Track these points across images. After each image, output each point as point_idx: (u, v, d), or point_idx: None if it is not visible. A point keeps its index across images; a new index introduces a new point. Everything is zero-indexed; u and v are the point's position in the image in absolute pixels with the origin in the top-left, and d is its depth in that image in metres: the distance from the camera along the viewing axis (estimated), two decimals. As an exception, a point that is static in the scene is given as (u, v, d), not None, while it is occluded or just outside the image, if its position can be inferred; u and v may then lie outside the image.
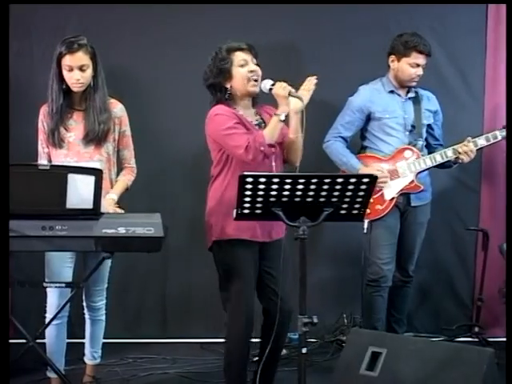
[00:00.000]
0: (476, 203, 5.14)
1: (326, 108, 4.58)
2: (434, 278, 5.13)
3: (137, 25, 4.83)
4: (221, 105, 3.47)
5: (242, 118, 3.46)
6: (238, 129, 3.38)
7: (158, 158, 4.82)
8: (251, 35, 3.61)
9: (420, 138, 4.42)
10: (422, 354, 3.24)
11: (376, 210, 4.31)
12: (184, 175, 4.92)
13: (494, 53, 5.06)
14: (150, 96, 4.84)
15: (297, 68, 4.76)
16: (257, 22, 4.79)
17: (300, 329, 2.80)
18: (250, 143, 3.28)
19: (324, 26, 4.93)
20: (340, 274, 5.04)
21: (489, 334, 4.99)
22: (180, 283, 4.99)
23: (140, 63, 4.83)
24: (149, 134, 4.69)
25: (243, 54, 3.46)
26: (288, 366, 3.94)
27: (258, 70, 3.47)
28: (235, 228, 3.39)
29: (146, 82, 4.86)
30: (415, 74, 4.34)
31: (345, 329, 4.76)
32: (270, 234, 3.48)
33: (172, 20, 4.83)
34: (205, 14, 4.81)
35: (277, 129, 3.34)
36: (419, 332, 4.97)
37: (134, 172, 3.84)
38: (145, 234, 3.02)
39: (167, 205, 4.69)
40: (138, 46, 4.82)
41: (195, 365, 4.43)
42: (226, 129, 3.38)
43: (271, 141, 3.33)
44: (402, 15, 4.90)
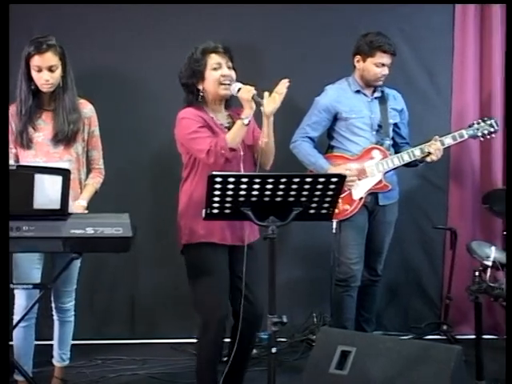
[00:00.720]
0: (444, 202, 5.20)
1: (293, 108, 4.59)
2: (403, 276, 5.18)
3: (108, 25, 4.80)
4: (189, 108, 3.47)
5: (211, 121, 3.46)
6: (202, 132, 3.38)
7: (127, 159, 4.80)
8: (216, 36, 3.59)
9: (387, 137, 4.45)
10: (391, 353, 3.27)
11: (345, 210, 4.33)
12: (153, 176, 4.91)
13: (461, 52, 5.12)
14: (119, 97, 4.82)
15: (263, 69, 4.79)
16: (221, 22, 4.79)
17: (269, 328, 2.81)
18: (212, 147, 3.28)
19: (290, 26, 4.94)
20: (310, 273, 5.06)
21: (457, 332, 5.05)
22: (149, 283, 4.97)
23: (108, 63, 4.81)
24: (118, 135, 4.67)
25: (218, 57, 3.45)
26: (258, 365, 3.95)
27: (230, 74, 3.46)
28: (204, 231, 3.39)
29: (115, 83, 4.83)
30: (381, 73, 4.36)
31: (314, 328, 4.77)
32: (242, 238, 3.47)
33: (142, 20, 4.82)
34: (171, 14, 4.80)
35: (240, 133, 3.32)
36: (388, 330, 5.01)
37: (102, 174, 3.83)
38: (113, 234, 3.00)
39: (136, 205, 4.66)
40: (107, 46, 4.79)
41: (165, 365, 4.42)
42: (190, 133, 3.38)
43: (233, 145, 3.31)
44: (369, 15, 4.92)
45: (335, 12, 4.93)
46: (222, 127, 3.48)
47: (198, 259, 3.46)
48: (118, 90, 4.83)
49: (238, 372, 3.60)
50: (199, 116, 3.42)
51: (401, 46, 4.81)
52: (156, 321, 4.98)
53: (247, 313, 3.44)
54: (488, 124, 4.45)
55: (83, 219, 3.08)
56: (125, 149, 4.78)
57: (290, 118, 4.50)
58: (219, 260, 3.45)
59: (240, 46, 4.67)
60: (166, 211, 3.68)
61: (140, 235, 3.22)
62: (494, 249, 4.00)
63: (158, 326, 4.99)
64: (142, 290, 4.98)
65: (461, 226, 5.10)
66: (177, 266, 3.63)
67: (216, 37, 3.58)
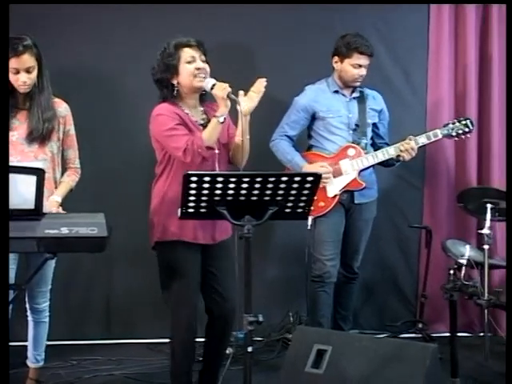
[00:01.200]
0: (419, 201, 5.24)
1: (274, 107, 4.62)
2: (379, 275, 5.21)
3: (85, 23, 4.77)
4: (165, 103, 3.46)
5: (186, 117, 3.45)
6: (179, 130, 3.37)
7: (102, 158, 4.79)
8: (199, 34, 3.59)
9: (364, 136, 4.47)
10: (367, 351, 3.29)
11: (319, 206, 4.35)
12: (129, 175, 4.88)
13: (436, 52, 5.17)
14: (95, 95, 4.80)
15: (244, 68, 4.79)
16: (205, 21, 4.78)
17: (245, 327, 2.81)
18: (189, 146, 3.28)
19: (271, 26, 4.95)
20: (286, 272, 5.08)
21: (432, 330, 5.08)
22: (125, 283, 4.95)
23: (85, 62, 4.78)
24: (93, 134, 4.65)
25: (191, 51, 3.45)
26: (234, 364, 3.94)
27: (205, 68, 3.45)
28: (177, 229, 3.39)
29: (90, 82, 4.81)
30: (358, 74, 4.40)
31: (290, 327, 4.78)
32: (214, 237, 3.48)
33: (122, 18, 4.80)
34: (155, 12, 4.79)
35: (215, 131, 3.32)
36: (364, 329, 5.04)
37: (78, 173, 3.81)
38: (88, 234, 2.98)
39: (111, 204, 4.65)
40: (84, 44, 4.77)
41: (141, 366, 4.41)
42: (166, 130, 3.37)
43: (210, 143, 3.31)
44: (347, 15, 4.96)
45: (314, 12, 4.95)
46: (197, 124, 3.47)
47: (170, 257, 3.46)
48: (94, 88, 4.80)
49: (214, 370, 3.61)
50: (175, 113, 3.41)
51: (377, 46, 4.84)
52: (132, 321, 4.96)
53: (220, 308, 3.45)
54: (463, 124, 4.48)
55: (58, 219, 3.06)
56: (100, 148, 4.76)
57: (271, 116, 4.53)
58: (191, 258, 3.45)
59: (223, 44, 4.73)
60: (142, 211, 3.67)
61: (116, 235, 3.20)
62: (468, 247, 4.05)
63: (134, 326, 4.97)
64: (118, 290, 4.97)
65: (436, 225, 5.14)
66: (152, 265, 3.62)
67: (196, 35, 3.57)
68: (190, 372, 3.54)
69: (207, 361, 3.48)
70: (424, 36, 5.16)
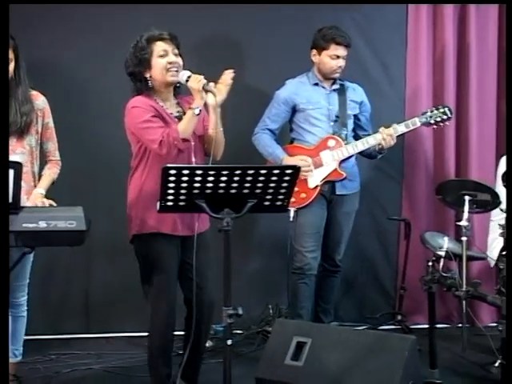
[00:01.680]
0: (398, 193, 5.28)
1: (256, 101, 4.62)
2: (358, 267, 5.23)
3: (61, 16, 4.74)
4: (139, 96, 3.44)
5: (161, 109, 3.44)
6: (154, 122, 3.36)
7: (80, 151, 4.76)
8: (176, 28, 3.58)
9: (344, 127, 4.49)
10: (346, 343, 3.32)
11: (301, 198, 4.37)
12: (107, 168, 4.86)
13: (414, 44, 5.22)
14: (73, 88, 4.77)
15: (224, 62, 4.75)
16: (182, 14, 4.77)
17: (225, 320, 2.81)
18: (164, 138, 3.27)
19: (250, 21, 4.95)
20: (266, 264, 5.09)
21: (411, 322, 5.13)
22: (104, 277, 4.94)
23: (63, 55, 4.76)
24: (71, 127, 4.62)
25: (164, 44, 3.43)
26: (214, 357, 3.96)
27: (178, 61, 3.44)
28: (155, 221, 3.39)
29: (69, 75, 4.78)
30: (336, 65, 4.42)
31: (270, 320, 4.80)
32: (192, 228, 3.46)
33: (98, 12, 4.76)
34: (131, 6, 4.76)
35: (191, 123, 3.31)
36: (344, 321, 5.05)
37: (58, 165, 3.79)
38: (66, 228, 2.97)
39: (90, 198, 4.64)
40: (62, 37, 4.74)
41: (120, 359, 4.41)
42: (142, 122, 3.36)
43: (185, 135, 3.30)
44: (326, 9, 4.97)
45: (294, 7, 4.95)
46: (172, 117, 3.46)
47: (149, 250, 3.46)
48: (69, 82, 4.78)
49: (194, 363, 3.61)
50: (150, 105, 3.40)
51: (355, 38, 4.86)
52: (111, 315, 4.95)
53: (199, 300, 3.44)
54: (441, 112, 4.49)
55: (36, 213, 3.05)
56: (77, 142, 4.73)
57: (254, 111, 4.54)
58: (170, 251, 3.46)
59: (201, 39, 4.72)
60: (120, 204, 3.66)
61: (95, 228, 3.19)
62: (446, 239, 4.07)
63: (113, 320, 4.96)
64: (97, 283, 4.95)
65: (414, 217, 5.18)
66: (132, 259, 3.61)
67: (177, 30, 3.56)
68: (169, 365, 3.54)
69: (186, 353, 3.48)
70: (402, 28, 5.19)
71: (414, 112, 4.95)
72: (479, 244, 4.73)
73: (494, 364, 4.12)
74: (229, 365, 2.84)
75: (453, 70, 5.22)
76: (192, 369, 3.60)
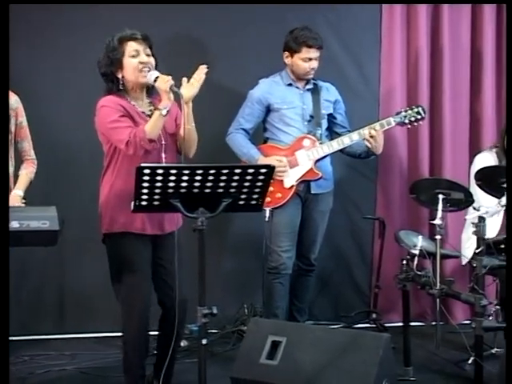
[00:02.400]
0: (372, 192, 5.30)
1: (230, 101, 4.62)
2: (333, 266, 5.25)
3: (29, 14, 4.70)
4: (110, 96, 3.43)
5: (132, 109, 3.43)
6: (122, 122, 3.35)
7: (53, 150, 4.73)
8: (149, 28, 3.57)
9: (319, 127, 4.51)
10: (321, 342, 3.33)
11: (277, 198, 4.38)
12: (81, 167, 4.84)
13: (388, 43, 5.25)
14: (46, 87, 4.74)
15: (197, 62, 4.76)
16: (155, 14, 4.76)
17: (200, 320, 2.82)
18: (131, 138, 3.26)
19: (224, 19, 4.95)
20: (240, 264, 5.09)
21: (385, 320, 5.16)
22: (78, 277, 4.91)
23: (35, 54, 4.73)
24: (44, 126, 4.59)
25: (136, 44, 3.42)
26: (189, 357, 3.96)
27: (150, 62, 3.43)
28: (124, 221, 3.39)
29: (41, 74, 4.75)
30: (309, 67, 4.44)
31: (245, 319, 4.80)
32: (162, 227, 3.47)
33: (67, 9, 4.74)
34: (100, 6, 4.74)
35: (158, 124, 3.30)
36: (319, 320, 5.07)
37: (34, 164, 3.78)
38: (39, 228, 2.95)
39: (63, 197, 4.61)
40: (32, 36, 4.72)
41: (95, 360, 4.39)
42: (110, 122, 3.35)
43: (152, 136, 3.29)
44: (300, 8, 4.98)
45: (268, 6, 4.96)
46: (144, 115, 3.45)
47: (119, 249, 3.46)
48: (42, 81, 4.75)
49: (168, 363, 3.60)
50: (119, 104, 3.39)
51: (330, 38, 4.89)
52: (85, 315, 4.92)
53: (171, 300, 3.43)
54: (415, 112, 4.53)
55: (8, 212, 3.03)
56: (51, 141, 4.70)
57: (227, 110, 4.53)
58: (140, 250, 3.45)
59: (175, 39, 4.71)
60: (93, 203, 3.64)
61: (68, 228, 3.18)
62: (420, 238, 4.09)
63: (88, 320, 4.93)
64: (71, 283, 4.92)
65: (389, 216, 5.21)
66: (105, 259, 3.60)
67: (147, 29, 3.55)
68: (143, 365, 3.54)
69: (161, 354, 3.48)
70: (376, 27, 5.22)
71: (389, 111, 4.98)
72: (453, 242, 4.77)
73: (468, 361, 4.17)
74: (204, 364, 2.85)
75: (426, 70, 5.26)
76: (166, 369, 3.59)
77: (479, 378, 3.49)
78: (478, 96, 5.35)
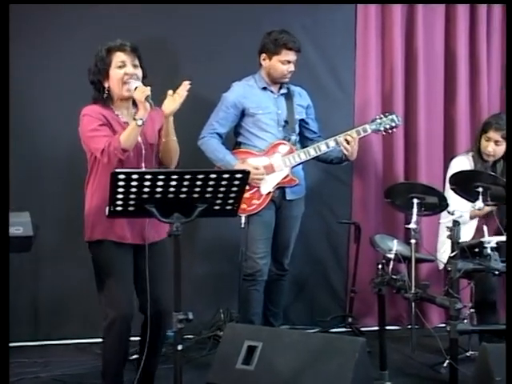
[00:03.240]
0: (348, 197, 5.32)
1: (201, 104, 4.61)
2: (309, 270, 5.26)
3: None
4: (94, 105, 3.47)
5: (115, 119, 3.46)
6: (101, 131, 3.38)
7: (29, 155, 4.70)
8: (123, 32, 3.58)
9: (293, 132, 4.53)
10: (297, 346, 3.34)
11: (253, 204, 4.39)
12: (57, 172, 4.80)
13: (363, 49, 5.27)
14: (23, 91, 4.70)
15: (169, 65, 4.78)
16: (128, 18, 4.75)
17: (175, 325, 2.83)
18: (106, 147, 3.29)
19: (195, 23, 4.93)
20: (216, 269, 5.07)
21: (361, 324, 5.18)
22: (52, 283, 4.86)
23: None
24: (20, 130, 4.57)
25: (123, 55, 3.45)
26: (165, 363, 3.94)
27: (136, 73, 3.46)
28: (103, 229, 3.40)
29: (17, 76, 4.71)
30: (287, 70, 4.44)
31: (222, 324, 4.79)
32: (143, 237, 3.47)
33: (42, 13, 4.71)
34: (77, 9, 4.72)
35: (133, 134, 3.31)
36: (295, 324, 5.09)
37: None
38: (13, 234, 2.95)
39: (37, 203, 4.58)
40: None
41: (69, 367, 4.35)
42: (89, 130, 3.40)
43: (127, 145, 3.30)
44: (275, 13, 4.99)
45: (241, 9, 4.97)
46: (127, 125, 3.45)
47: (99, 256, 3.48)
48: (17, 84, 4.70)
49: (149, 369, 3.61)
50: (101, 114, 3.42)
51: (305, 43, 4.90)
52: (58, 321, 4.89)
53: (153, 309, 3.44)
54: (390, 119, 4.57)
55: (-19, 219, 3.01)
56: (26, 146, 4.67)
57: (198, 114, 4.53)
58: (120, 257, 3.45)
59: (148, 42, 4.69)
60: (68, 209, 3.63)
61: (42, 234, 3.17)
62: (396, 242, 4.12)
63: (62, 327, 4.89)
64: (45, 289, 4.88)
65: (364, 220, 5.23)
66: (79, 265, 3.61)
67: (118, 33, 3.55)
68: (121, 371, 3.53)
69: (142, 360, 3.47)
70: (351, 34, 5.24)
71: (364, 117, 5.02)
72: (428, 246, 4.80)
73: (443, 364, 4.20)
74: (179, 370, 2.85)
75: (401, 76, 5.29)
76: (147, 375, 3.61)
77: (454, 381, 3.51)
78: (453, 101, 5.40)
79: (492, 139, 4.48)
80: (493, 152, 4.50)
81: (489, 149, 4.49)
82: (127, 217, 3.19)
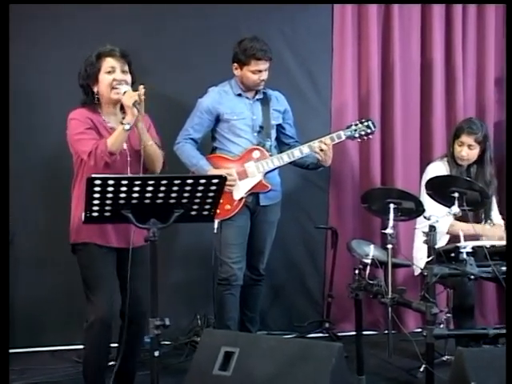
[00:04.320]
0: (325, 202, 5.33)
1: (177, 110, 4.61)
2: (286, 275, 5.27)
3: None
4: (81, 108, 3.51)
5: (101, 124, 3.48)
6: (87, 134, 3.42)
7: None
8: (96, 38, 3.57)
9: (268, 138, 4.52)
10: (274, 352, 3.33)
11: (225, 210, 4.38)
12: (35, 176, 4.76)
13: (340, 54, 5.29)
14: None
15: (146, 71, 4.74)
16: (104, 24, 4.74)
17: (152, 331, 2.82)
18: (93, 150, 3.33)
19: (172, 28, 4.94)
20: (193, 275, 5.06)
21: (339, 329, 5.19)
22: (30, 291, 4.81)
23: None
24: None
25: (112, 61, 3.48)
26: (142, 369, 3.92)
27: (125, 79, 3.48)
28: (89, 232, 3.40)
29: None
30: (259, 79, 4.44)
31: (199, 330, 4.78)
32: (128, 241, 3.43)
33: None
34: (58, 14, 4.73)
35: (120, 138, 3.34)
36: (272, 330, 5.10)
37: None
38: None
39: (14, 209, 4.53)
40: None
41: (45, 374, 4.32)
42: (76, 134, 3.44)
43: (113, 149, 3.33)
44: (253, 18, 5.01)
45: (220, 15, 4.98)
46: (112, 131, 3.46)
47: (83, 259, 3.49)
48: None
49: (128, 374, 3.63)
50: (87, 118, 3.46)
51: (283, 48, 4.93)
52: (36, 328, 4.84)
53: (132, 312, 3.46)
54: (365, 125, 4.57)
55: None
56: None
57: (174, 119, 4.52)
58: (103, 261, 3.46)
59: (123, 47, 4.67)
60: (45, 216, 3.61)
61: (20, 240, 3.14)
62: (372, 247, 4.12)
63: (39, 334, 4.85)
64: (21, 296, 4.83)
65: (341, 226, 5.25)
66: (57, 271, 3.58)
67: (93, 39, 3.55)
68: (102, 375, 3.52)
69: (120, 364, 3.45)
70: (328, 39, 5.26)
71: (341, 122, 5.04)
72: (404, 251, 4.82)
73: (419, 369, 4.22)
74: (156, 377, 2.85)
75: (378, 81, 5.32)
76: (126, 381, 3.60)
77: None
78: (429, 107, 5.43)
79: (465, 143, 4.52)
80: (466, 156, 4.53)
81: (462, 153, 4.53)
82: (103, 222, 3.19)
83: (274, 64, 4.50)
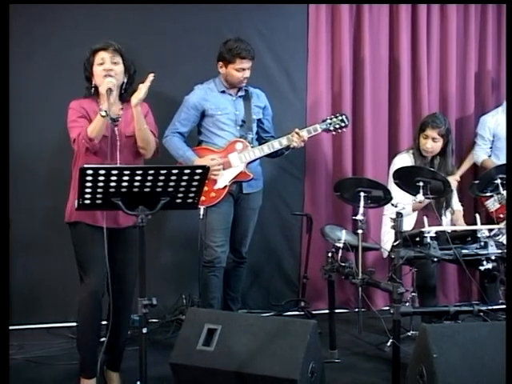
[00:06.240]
0: (300, 190, 5.34)
1: (166, 106, 4.59)
2: (265, 258, 5.28)
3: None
4: (81, 99, 3.53)
5: (97, 113, 3.40)
6: (78, 122, 3.43)
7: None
8: (84, 38, 3.55)
9: (250, 131, 4.53)
10: (254, 329, 3.34)
11: (210, 197, 4.38)
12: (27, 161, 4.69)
13: (314, 53, 5.29)
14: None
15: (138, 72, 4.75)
16: (95, 22, 4.70)
17: (140, 310, 2.81)
18: (76, 136, 3.36)
19: (159, 29, 4.91)
20: (179, 258, 5.06)
21: (313, 308, 5.21)
22: (25, 269, 4.78)
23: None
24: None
25: (104, 53, 3.48)
26: (131, 345, 3.91)
27: (114, 69, 3.47)
28: (79, 212, 3.34)
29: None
30: (242, 76, 4.45)
31: (184, 309, 4.78)
32: (117, 221, 3.46)
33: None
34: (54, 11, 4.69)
35: (98, 124, 3.32)
36: (252, 309, 5.11)
37: None
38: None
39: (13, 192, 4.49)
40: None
41: (42, 349, 4.31)
42: (70, 121, 3.48)
43: (93, 135, 3.32)
44: (233, 20, 5.01)
45: (204, 18, 4.97)
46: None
47: (74, 237, 3.50)
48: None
49: (117, 349, 3.62)
50: (82, 107, 3.48)
51: (261, 48, 4.92)
52: (32, 306, 4.82)
53: (121, 290, 3.47)
54: (339, 119, 4.58)
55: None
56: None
57: (164, 114, 4.50)
58: (92, 239, 3.43)
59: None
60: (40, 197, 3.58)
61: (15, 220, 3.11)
62: (344, 232, 4.15)
63: (35, 311, 4.83)
64: (18, 275, 4.79)
65: (316, 212, 5.27)
66: (51, 249, 3.55)
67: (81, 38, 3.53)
68: (95, 349, 3.49)
69: (110, 340, 3.43)
70: (303, 40, 5.26)
71: (315, 117, 5.04)
72: (373, 236, 4.85)
73: (387, 343, 4.26)
74: (144, 352, 2.84)
75: (349, 79, 5.32)
76: (115, 356, 3.61)
77: (396, 358, 3.55)
78: (396, 103, 5.45)
79: (429, 137, 4.53)
80: (431, 148, 4.55)
81: (427, 145, 4.54)
82: (95, 209, 3.18)
83: (254, 63, 4.49)
